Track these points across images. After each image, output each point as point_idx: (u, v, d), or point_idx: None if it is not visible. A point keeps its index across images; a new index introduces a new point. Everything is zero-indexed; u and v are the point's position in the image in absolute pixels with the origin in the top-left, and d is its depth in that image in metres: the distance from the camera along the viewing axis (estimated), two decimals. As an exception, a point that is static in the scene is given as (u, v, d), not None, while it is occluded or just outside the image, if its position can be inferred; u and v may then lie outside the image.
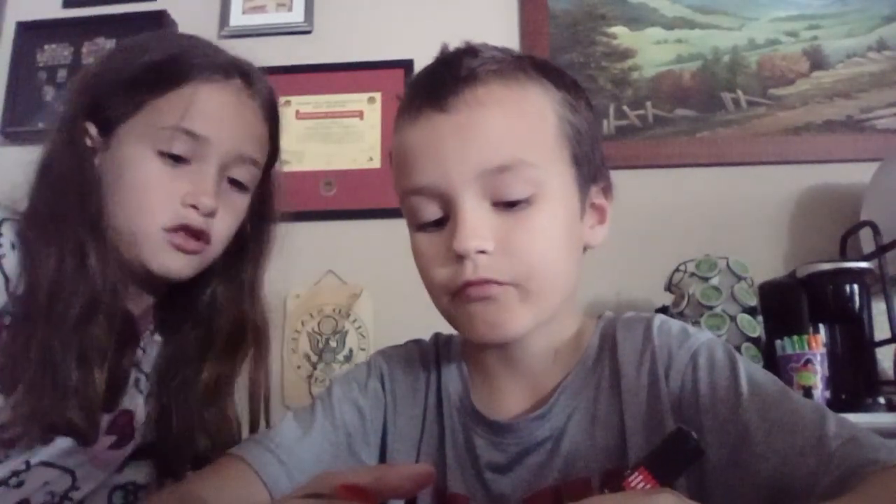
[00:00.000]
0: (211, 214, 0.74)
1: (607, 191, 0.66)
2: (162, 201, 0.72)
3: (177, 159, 0.73)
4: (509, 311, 0.58)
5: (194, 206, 0.73)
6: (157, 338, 0.84)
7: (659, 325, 0.63)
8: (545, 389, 0.64)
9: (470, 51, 0.62)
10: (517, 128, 0.59)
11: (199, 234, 0.74)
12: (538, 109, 0.60)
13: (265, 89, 0.80)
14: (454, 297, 0.59)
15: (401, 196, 0.62)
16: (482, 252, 0.56)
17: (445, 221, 0.59)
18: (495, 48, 0.63)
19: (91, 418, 0.70)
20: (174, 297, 0.82)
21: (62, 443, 0.71)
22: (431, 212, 0.59)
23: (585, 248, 0.65)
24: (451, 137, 0.58)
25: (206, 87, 0.74)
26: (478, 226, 0.56)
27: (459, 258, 0.57)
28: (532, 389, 0.65)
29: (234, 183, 0.77)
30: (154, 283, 0.78)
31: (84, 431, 0.70)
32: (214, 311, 0.83)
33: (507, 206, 0.58)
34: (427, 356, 0.71)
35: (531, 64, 0.62)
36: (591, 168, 0.63)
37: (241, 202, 0.79)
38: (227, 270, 0.84)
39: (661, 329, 0.62)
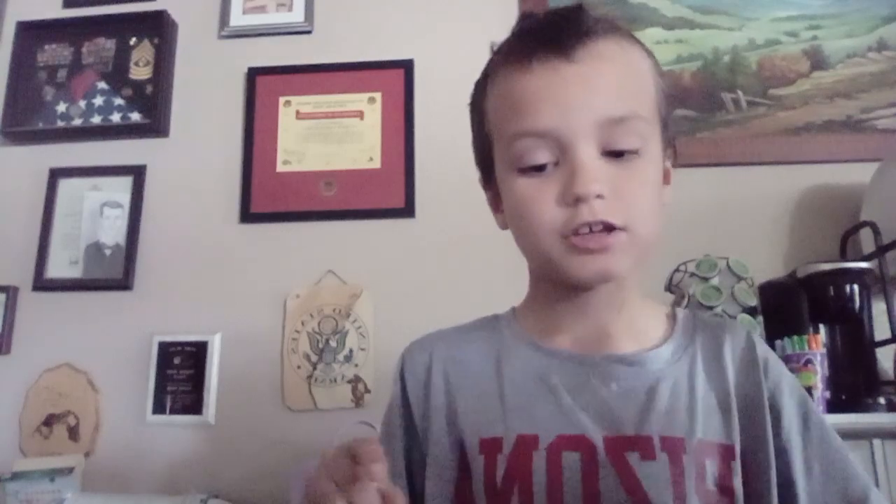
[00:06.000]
0: None
1: (672, 156, 0.70)
2: None
3: None
4: (618, 258, 0.61)
5: None
6: None
7: (755, 335, 0.71)
8: (613, 335, 0.67)
9: (582, 7, 0.65)
10: (631, 85, 0.63)
11: None
12: (643, 71, 0.65)
13: None
14: (566, 240, 0.61)
15: (508, 139, 0.63)
16: (599, 196, 0.59)
17: (550, 167, 0.61)
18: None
19: None
20: None
21: None
22: (541, 156, 0.61)
23: None
24: (577, 86, 0.60)
25: None
26: (595, 171, 0.59)
27: (576, 202, 0.59)
28: (599, 331, 0.68)
29: None
30: None
31: None
32: None
33: (616, 156, 0.61)
34: (491, 341, 0.72)
35: (627, 30, 0.67)
36: (669, 132, 0.68)
37: None
38: None
39: (759, 340, 0.70)
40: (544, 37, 0.62)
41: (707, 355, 0.68)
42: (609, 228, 0.60)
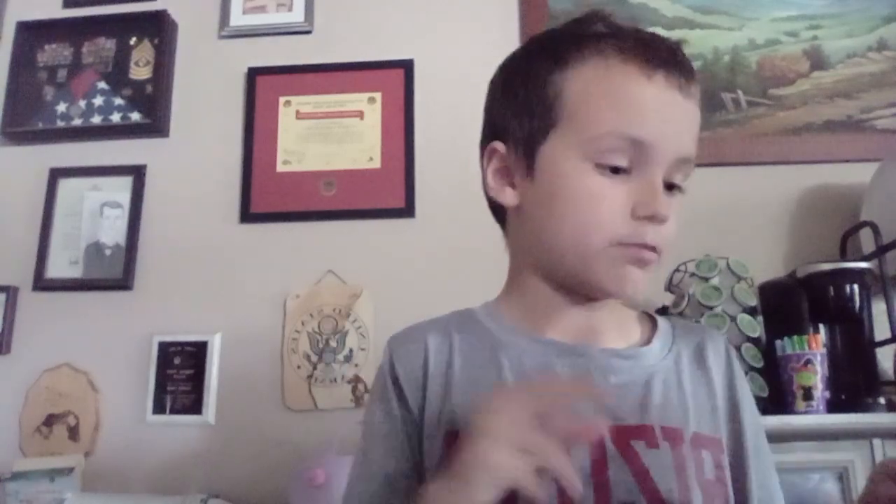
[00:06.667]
0: None
1: None
2: None
3: None
4: (647, 277, 0.65)
5: None
6: None
7: (728, 343, 0.75)
8: (602, 331, 0.69)
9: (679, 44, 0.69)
10: (698, 130, 0.69)
11: None
12: None
13: None
14: (616, 248, 0.63)
15: (600, 133, 0.64)
16: (662, 222, 0.63)
17: (623, 173, 0.64)
18: None
19: None
20: None
21: None
22: (620, 159, 0.63)
23: None
24: (683, 116, 0.67)
25: None
26: (665, 199, 0.64)
27: (647, 219, 0.62)
28: (587, 327, 0.69)
29: None
30: None
31: None
32: None
33: (668, 188, 0.65)
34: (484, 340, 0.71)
35: None
36: None
37: None
38: None
39: (732, 348, 0.74)
40: (669, 58, 0.65)
41: (691, 355, 0.70)
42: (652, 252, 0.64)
